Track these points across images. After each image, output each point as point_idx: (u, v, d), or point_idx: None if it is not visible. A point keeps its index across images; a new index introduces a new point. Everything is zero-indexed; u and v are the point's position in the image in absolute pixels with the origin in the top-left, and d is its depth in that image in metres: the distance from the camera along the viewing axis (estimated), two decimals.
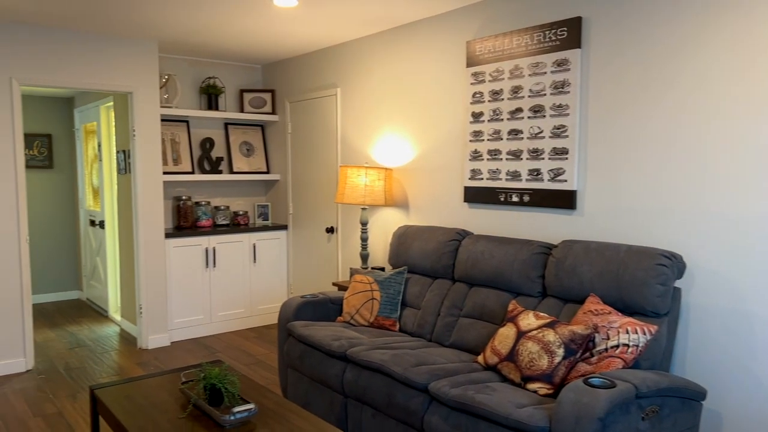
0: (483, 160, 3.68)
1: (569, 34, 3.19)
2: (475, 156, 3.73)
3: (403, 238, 3.86)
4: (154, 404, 2.59)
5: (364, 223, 4.37)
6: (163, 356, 4.74)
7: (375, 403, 2.90)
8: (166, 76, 5.36)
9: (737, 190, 2.63)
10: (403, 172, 4.36)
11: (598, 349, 2.57)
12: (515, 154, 3.49)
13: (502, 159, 3.57)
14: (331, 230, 5.14)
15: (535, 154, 3.38)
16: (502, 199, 3.58)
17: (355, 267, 4.80)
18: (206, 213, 5.47)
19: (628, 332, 2.53)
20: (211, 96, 5.58)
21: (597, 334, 2.60)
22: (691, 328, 2.80)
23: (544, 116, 3.33)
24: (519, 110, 3.46)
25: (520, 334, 2.74)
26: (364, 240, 4.38)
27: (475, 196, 3.75)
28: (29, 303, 4.42)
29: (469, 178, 3.78)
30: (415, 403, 2.70)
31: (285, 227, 5.75)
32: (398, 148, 4.40)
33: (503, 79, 3.54)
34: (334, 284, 4.38)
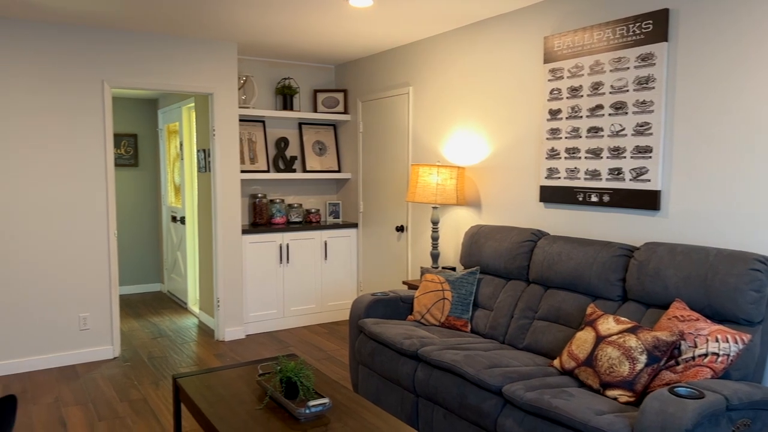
0: (560, 158, 3.58)
1: (655, 27, 3.05)
2: (552, 154, 3.64)
3: (475, 237, 3.81)
4: (233, 394, 2.67)
5: (435, 222, 4.35)
6: (239, 348, 4.90)
7: (447, 404, 2.88)
8: (244, 78, 5.53)
9: None
10: (476, 171, 4.31)
11: (684, 357, 2.44)
12: (595, 153, 3.38)
13: (580, 157, 3.46)
14: (401, 229, 5.15)
15: (617, 152, 3.26)
16: (581, 199, 3.47)
17: (426, 266, 4.79)
18: (280, 210, 5.61)
19: (717, 340, 2.39)
20: (286, 96, 5.72)
21: (683, 342, 2.47)
22: None
23: (627, 113, 3.20)
24: (599, 107, 3.34)
25: (599, 339, 2.65)
26: (435, 239, 4.36)
27: (551, 196, 3.65)
28: (117, 294, 4.68)
29: (546, 177, 3.69)
30: (489, 406, 2.66)
31: (355, 225, 5.81)
32: (471, 146, 4.35)
33: (582, 75, 3.43)
34: (404, 283, 4.39)
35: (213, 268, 5.21)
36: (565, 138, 3.55)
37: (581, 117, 3.45)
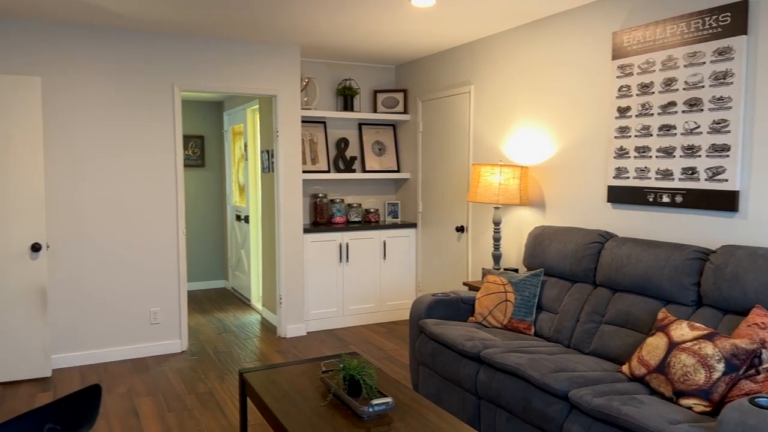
0: (630, 157, 3.46)
1: (733, 19, 2.90)
2: (621, 153, 3.52)
3: (539, 238, 3.74)
4: (297, 390, 2.72)
5: (497, 223, 4.29)
6: (300, 345, 4.98)
7: (510, 407, 2.83)
8: (306, 79, 5.63)
9: None
10: (540, 170, 4.22)
11: (765, 366, 2.31)
12: (667, 152, 3.25)
13: (651, 156, 3.33)
14: (461, 229, 5.11)
15: (690, 151, 3.12)
16: (651, 200, 3.34)
17: (487, 267, 4.73)
18: (340, 210, 5.67)
19: None
20: (346, 97, 5.78)
21: (764, 350, 2.34)
22: None
23: (702, 110, 3.06)
24: (672, 104, 3.21)
25: (672, 345, 2.54)
26: (497, 240, 4.30)
27: (619, 196, 3.54)
28: (185, 290, 4.85)
29: (614, 177, 3.57)
30: (554, 411, 2.60)
31: (414, 225, 5.81)
32: (534, 145, 4.27)
33: (654, 71, 3.30)
34: (464, 284, 4.35)
35: (275, 266, 5.33)
36: (635, 136, 3.43)
37: (652, 114, 3.32)
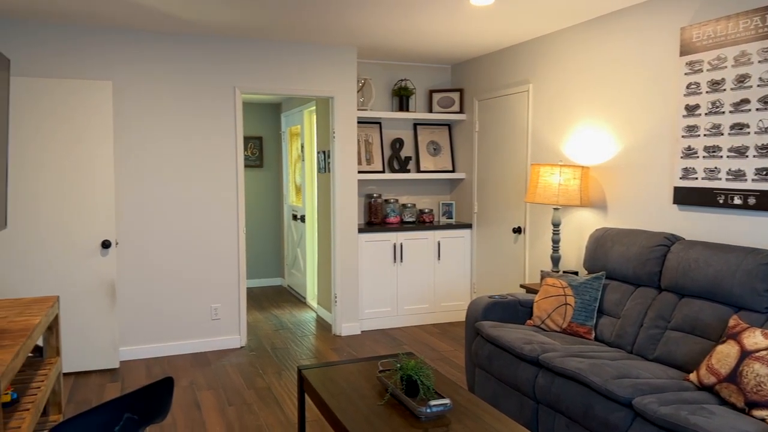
0: (698, 157, 3.33)
1: None
2: (689, 153, 3.39)
3: (601, 241, 3.64)
4: (354, 389, 2.74)
5: (557, 225, 4.20)
6: (355, 344, 5.03)
7: (570, 413, 2.77)
8: (362, 80, 5.67)
9: None
10: (601, 171, 4.11)
11: None
12: (739, 151, 3.10)
13: (722, 156, 3.19)
14: (518, 230, 5.03)
15: (765, 150, 2.97)
16: (721, 202, 3.20)
17: (546, 270, 4.65)
18: (394, 210, 5.69)
19: None
20: (402, 98, 5.79)
21: None
22: None
23: None
24: (745, 101, 3.07)
25: (745, 354, 2.43)
26: (556, 242, 4.21)
27: (687, 198, 3.40)
28: (244, 287, 4.97)
29: (680, 178, 3.44)
30: (617, 418, 2.52)
31: (469, 226, 5.76)
32: (595, 145, 4.16)
33: (725, 68, 3.16)
34: (521, 286, 4.28)
35: (331, 265, 5.39)
36: (704, 135, 3.29)
37: (723, 113, 3.18)
